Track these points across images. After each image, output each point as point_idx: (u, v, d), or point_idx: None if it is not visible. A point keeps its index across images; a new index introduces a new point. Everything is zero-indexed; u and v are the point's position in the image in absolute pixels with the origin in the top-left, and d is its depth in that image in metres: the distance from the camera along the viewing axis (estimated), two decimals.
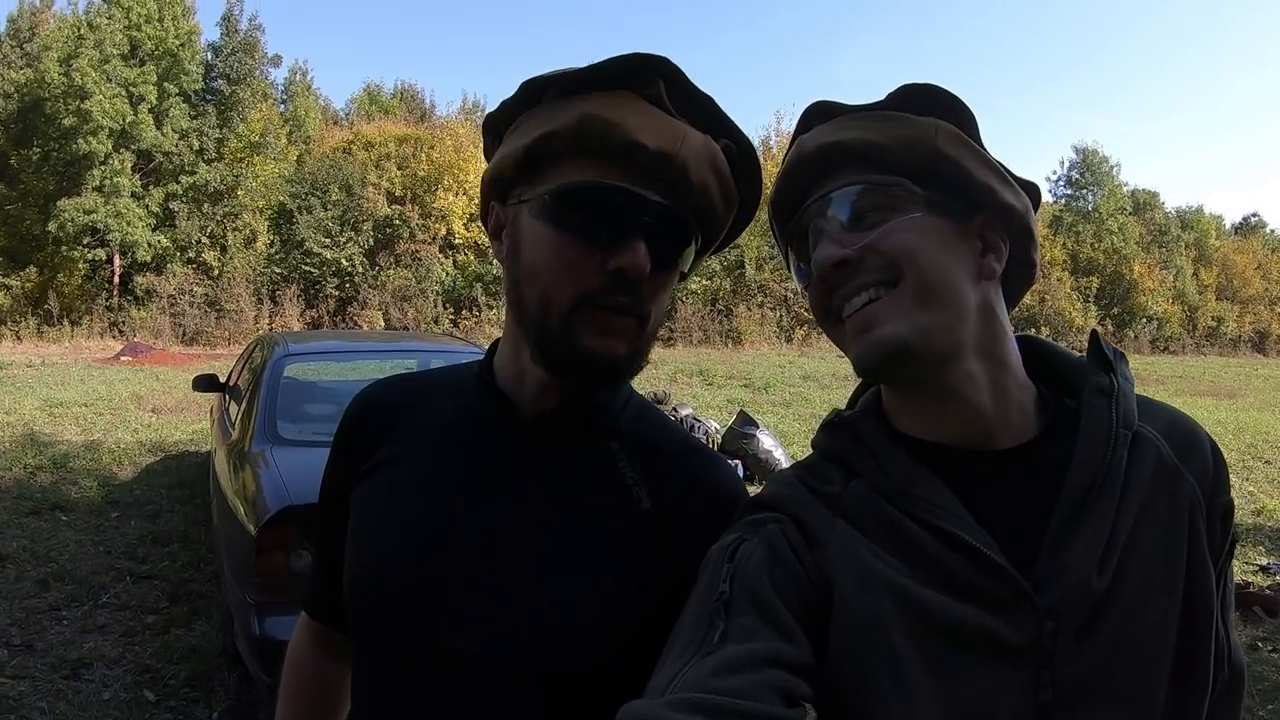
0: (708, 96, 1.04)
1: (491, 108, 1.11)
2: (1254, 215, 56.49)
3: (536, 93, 1.05)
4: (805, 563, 0.91)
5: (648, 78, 1.01)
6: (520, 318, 1.05)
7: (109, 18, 27.43)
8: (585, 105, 0.99)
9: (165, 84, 28.34)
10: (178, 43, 28.61)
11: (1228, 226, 54.06)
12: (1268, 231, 54.84)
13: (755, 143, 1.10)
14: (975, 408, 0.93)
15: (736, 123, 1.07)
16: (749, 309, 31.43)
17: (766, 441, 9.16)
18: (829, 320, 0.99)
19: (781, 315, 32.13)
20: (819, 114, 1.03)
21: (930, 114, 0.97)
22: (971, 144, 0.97)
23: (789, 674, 0.79)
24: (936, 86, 0.99)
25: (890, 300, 0.90)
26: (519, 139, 1.03)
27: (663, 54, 1.00)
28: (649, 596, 1.01)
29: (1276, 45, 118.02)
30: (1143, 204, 46.54)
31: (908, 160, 0.94)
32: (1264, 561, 7.19)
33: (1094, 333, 1.05)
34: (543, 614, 1.01)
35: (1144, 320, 41.22)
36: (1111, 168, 45.10)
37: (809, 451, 1.05)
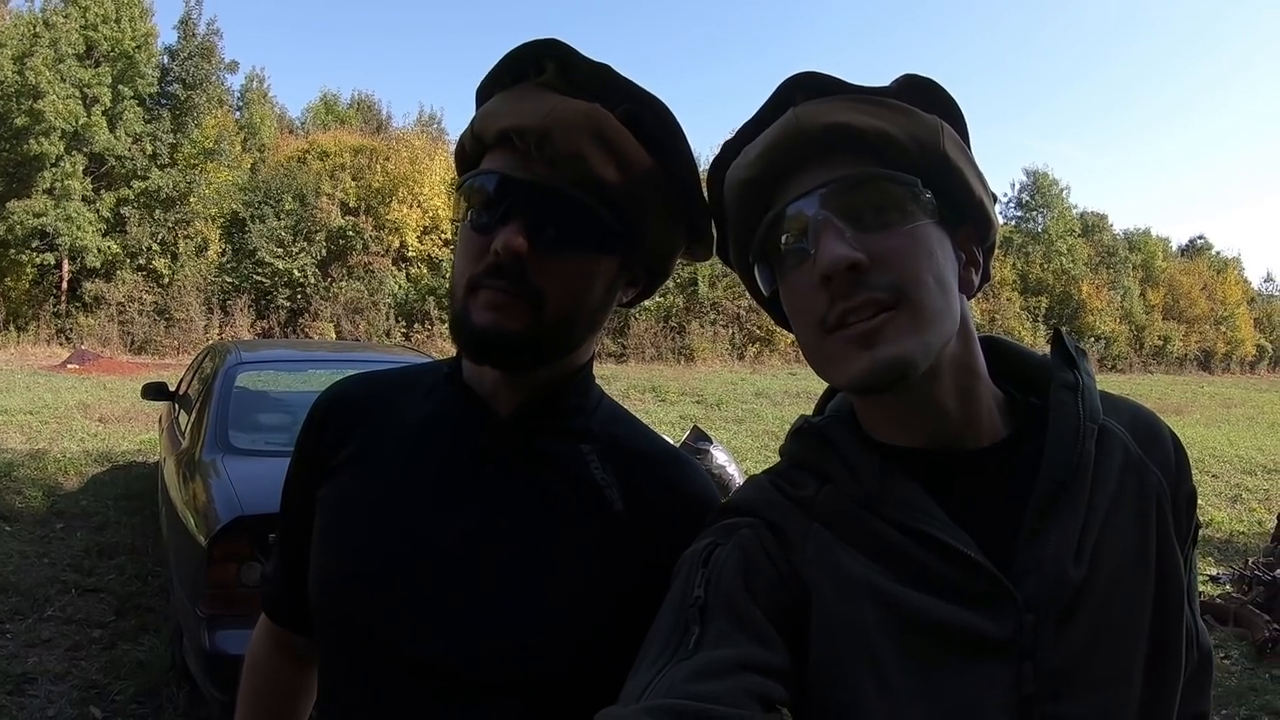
0: (602, 66, 1.02)
1: (448, 120, 1.13)
2: (1200, 238, 58.14)
3: (484, 100, 1.08)
4: (780, 567, 0.90)
5: (540, 64, 1.02)
6: None
7: (65, 16, 26.89)
8: (483, 107, 1.03)
9: (120, 86, 27.87)
10: (134, 44, 28.15)
11: (1174, 249, 55.35)
12: (1214, 253, 56.18)
13: (701, 164, 1.05)
14: (945, 414, 0.92)
15: (641, 86, 1.03)
16: (701, 326, 31.59)
17: (720, 457, 9.15)
18: (817, 330, 0.90)
19: (734, 333, 32.32)
20: (806, 87, 0.94)
21: (934, 112, 0.93)
22: (969, 153, 0.95)
23: (765, 679, 0.79)
24: (939, 83, 0.95)
25: (897, 316, 0.85)
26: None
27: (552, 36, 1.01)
28: (621, 600, 1.01)
29: (1226, 88, 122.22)
30: (1091, 226, 47.57)
31: (920, 161, 0.89)
32: (1213, 572, 7.37)
33: (1057, 330, 1.04)
34: (514, 618, 1.00)
35: (1092, 339, 42.01)
36: (1061, 190, 46.07)
37: (762, 466, 1.04)
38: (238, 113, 34.52)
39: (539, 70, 1.02)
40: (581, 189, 0.98)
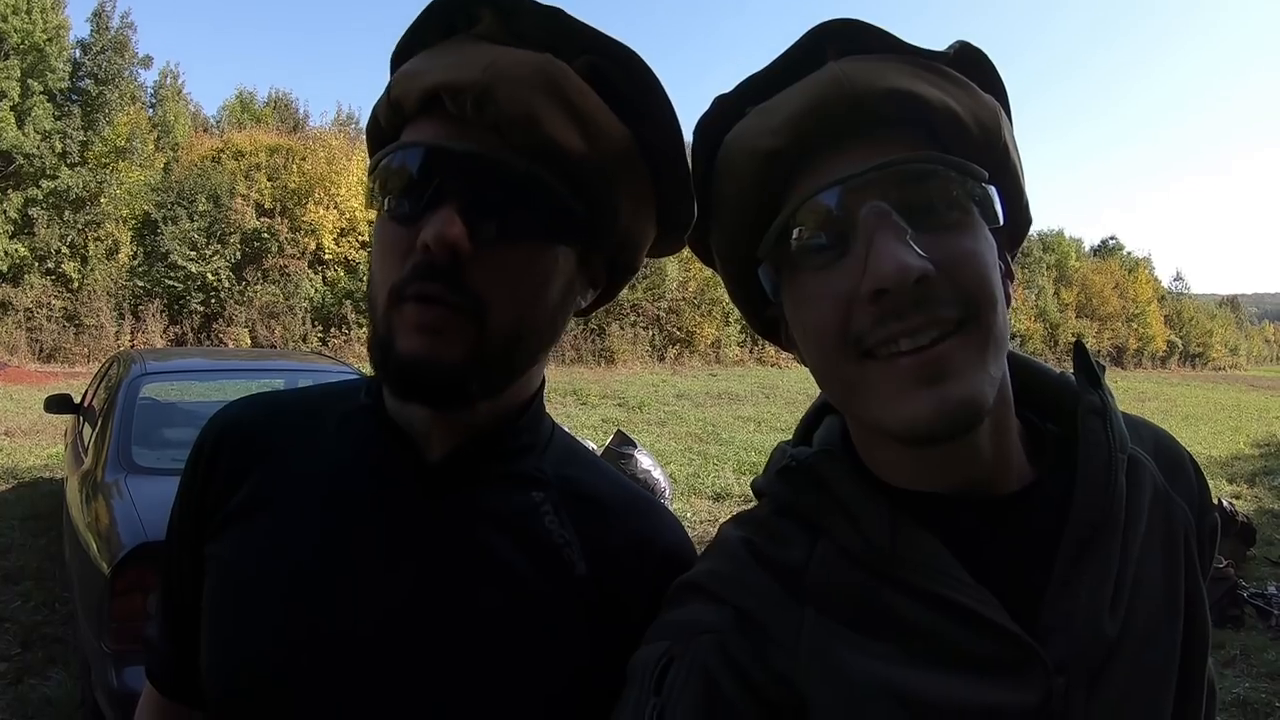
0: (552, 9, 0.83)
1: (367, 118, 0.94)
2: (1112, 238, 60.32)
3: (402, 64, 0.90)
4: (756, 681, 0.74)
5: (473, 12, 0.85)
6: None
7: None
8: (402, 68, 0.86)
9: (29, 80, 26.75)
10: (45, 37, 27.05)
11: (1087, 249, 57.18)
12: (1125, 253, 58.14)
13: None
14: (979, 454, 0.77)
15: (606, 33, 0.84)
16: (622, 328, 31.35)
17: (645, 461, 9.15)
18: (848, 353, 0.73)
19: (654, 334, 32.31)
20: (842, 38, 0.77)
21: (989, 93, 0.78)
22: (1018, 147, 0.80)
23: None
24: (990, 58, 0.79)
25: (965, 342, 0.70)
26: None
27: None
28: (586, 684, 0.86)
29: (1130, 79, 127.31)
30: None
31: (982, 152, 0.74)
32: None
33: (1079, 343, 0.89)
34: (457, 710, 0.84)
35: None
36: None
37: (686, 469, 0.91)
38: (151, 110, 33.37)
39: (471, 20, 0.85)
40: (535, 160, 0.80)
